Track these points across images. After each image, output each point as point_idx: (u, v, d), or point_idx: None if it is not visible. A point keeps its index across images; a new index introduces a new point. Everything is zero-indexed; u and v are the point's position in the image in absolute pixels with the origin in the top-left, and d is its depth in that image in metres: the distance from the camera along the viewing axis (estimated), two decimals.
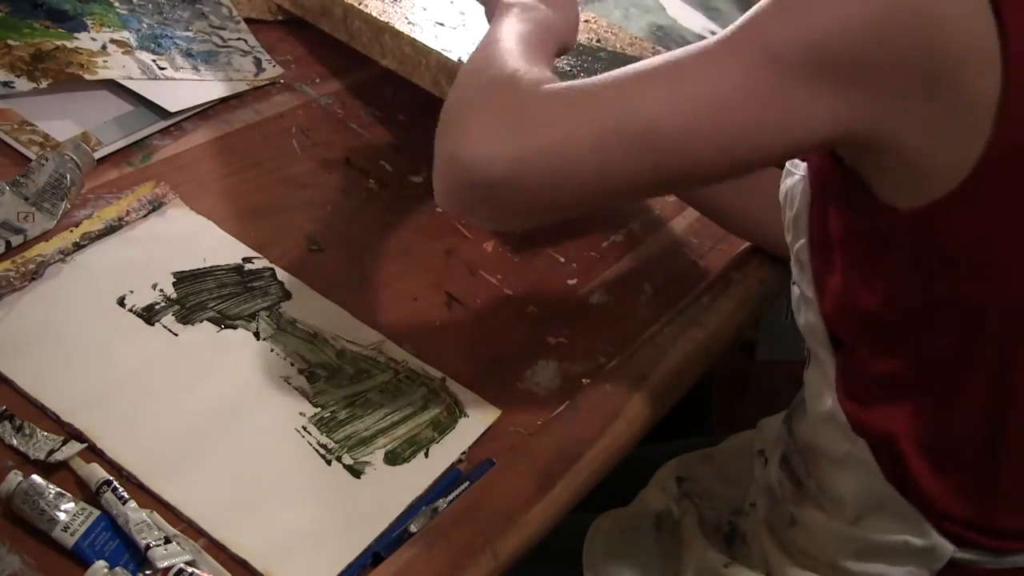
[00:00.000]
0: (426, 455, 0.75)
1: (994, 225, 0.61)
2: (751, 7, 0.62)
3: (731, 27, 0.61)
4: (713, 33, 1.24)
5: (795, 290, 0.76)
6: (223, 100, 1.01)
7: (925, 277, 0.64)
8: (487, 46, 0.71)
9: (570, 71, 0.95)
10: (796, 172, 0.75)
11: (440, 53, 0.94)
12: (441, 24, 1.00)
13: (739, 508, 0.87)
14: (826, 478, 0.76)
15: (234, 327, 0.80)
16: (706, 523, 0.86)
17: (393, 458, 0.74)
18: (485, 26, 1.00)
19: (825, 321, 0.72)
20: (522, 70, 0.66)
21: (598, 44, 1.04)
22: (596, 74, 0.70)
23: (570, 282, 0.94)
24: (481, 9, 0.99)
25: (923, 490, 0.70)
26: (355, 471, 0.72)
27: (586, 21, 1.08)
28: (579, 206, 0.68)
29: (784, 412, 0.84)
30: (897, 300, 0.66)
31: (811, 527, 0.77)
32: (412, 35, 0.97)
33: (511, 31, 0.73)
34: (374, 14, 1.00)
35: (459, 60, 0.92)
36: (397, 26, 0.98)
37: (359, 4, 1.02)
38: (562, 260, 0.96)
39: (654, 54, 1.05)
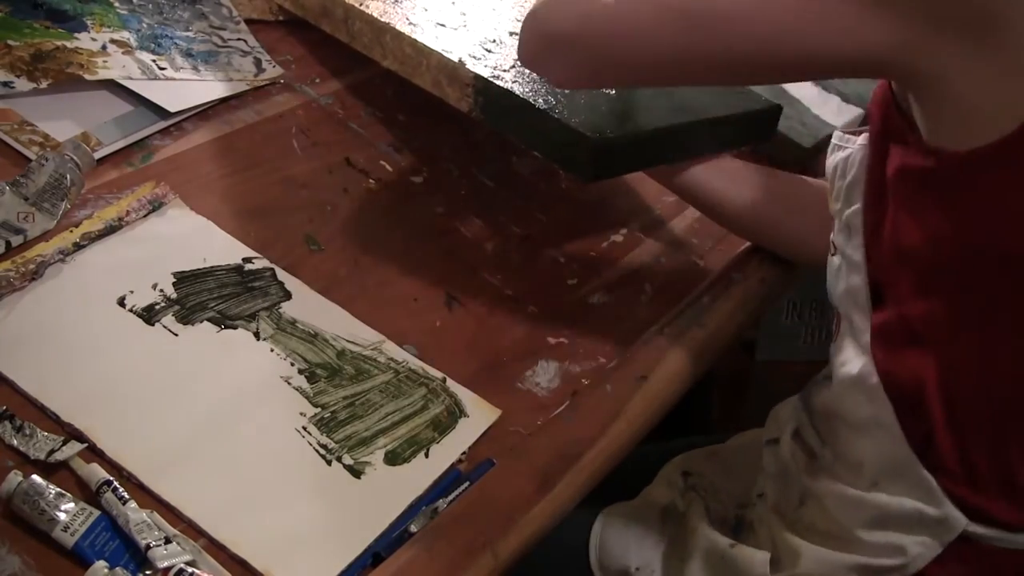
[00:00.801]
0: (426, 455, 0.75)
1: None
2: None
3: None
4: None
5: (834, 261, 0.78)
6: (223, 100, 1.01)
7: (966, 222, 0.65)
8: None
9: None
10: (847, 146, 0.76)
11: (441, 54, 0.94)
12: (442, 25, 1.00)
13: (745, 502, 0.87)
14: (844, 444, 0.77)
15: (234, 327, 0.80)
16: (713, 515, 0.86)
17: (393, 458, 0.74)
18: (486, 27, 1.01)
19: (870, 278, 0.73)
20: None
21: None
22: None
23: (570, 282, 0.94)
24: (483, 9, 0.99)
25: (942, 454, 0.71)
26: (355, 471, 0.72)
27: None
28: (635, 74, 0.74)
29: (794, 397, 0.85)
30: (939, 242, 0.67)
31: (823, 498, 0.77)
32: (413, 36, 0.97)
33: None
34: (375, 15, 1.00)
35: (459, 61, 0.92)
36: (398, 27, 0.98)
37: (360, 5, 1.02)
38: (562, 260, 0.96)
39: None
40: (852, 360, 0.75)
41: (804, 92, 1.18)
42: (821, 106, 1.17)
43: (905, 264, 0.70)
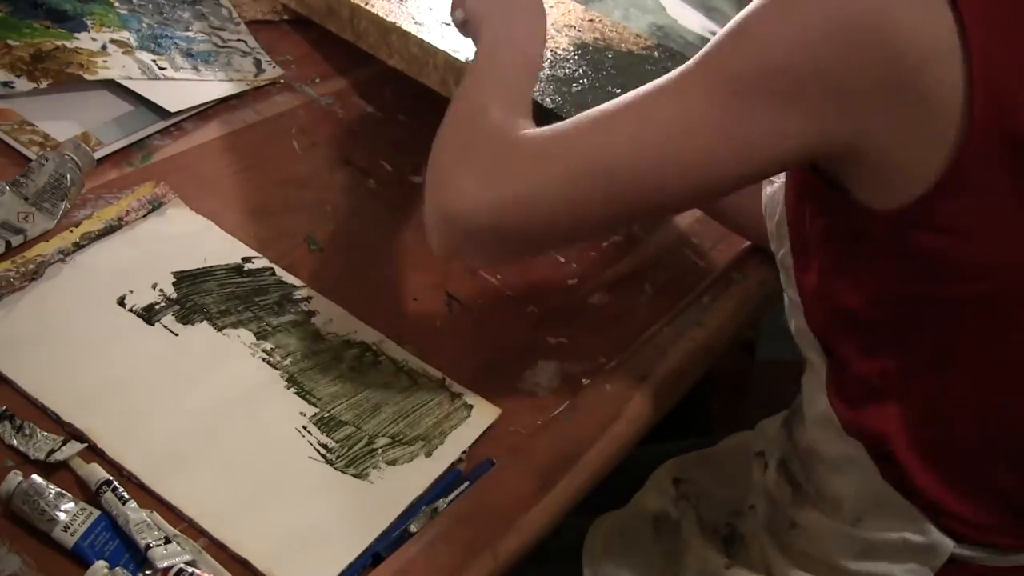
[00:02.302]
0: (426, 455, 0.75)
1: (970, 223, 0.61)
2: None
3: (691, 61, 0.63)
4: (713, 34, 1.24)
5: (785, 297, 0.77)
6: (223, 100, 1.01)
7: (903, 276, 0.65)
8: (467, 97, 0.75)
9: (579, 72, 0.95)
10: (776, 181, 0.75)
11: (448, 53, 0.94)
12: (448, 24, 1.00)
13: (737, 509, 0.87)
14: (824, 481, 0.76)
15: (234, 327, 0.80)
16: (704, 524, 0.86)
17: (393, 458, 0.74)
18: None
19: (812, 330, 0.72)
20: (500, 120, 0.70)
21: (604, 44, 1.04)
22: (605, 73, 0.72)
23: (570, 282, 0.94)
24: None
25: (920, 488, 0.70)
26: (356, 471, 0.72)
27: (591, 20, 1.08)
28: (559, 243, 0.75)
29: (783, 414, 0.84)
30: (877, 299, 0.67)
31: (811, 529, 0.77)
32: (419, 35, 0.97)
33: (488, 74, 0.77)
34: (381, 14, 1.00)
35: (466, 60, 0.93)
36: (404, 26, 0.98)
37: (365, 4, 1.02)
38: (562, 260, 0.96)
39: (660, 53, 1.05)
40: (818, 397, 0.74)
41: None
42: None
43: (845, 325, 0.70)
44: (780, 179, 0.74)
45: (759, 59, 0.59)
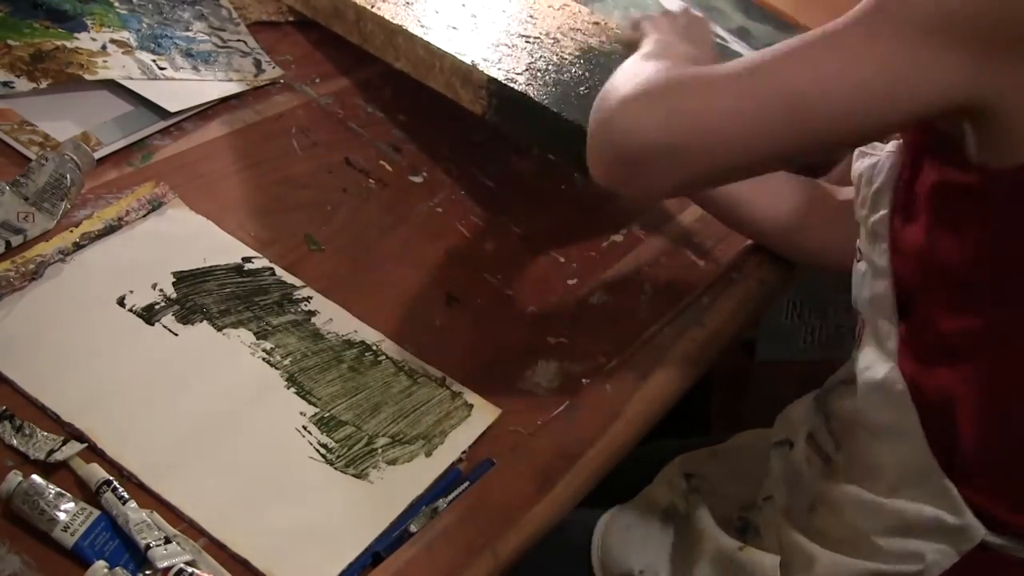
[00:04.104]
0: (426, 455, 0.75)
1: None
2: (750, 8, 0.63)
3: (867, 4, 0.64)
4: (713, 33, 1.25)
5: (860, 267, 0.77)
6: (223, 100, 1.01)
7: (1010, 236, 0.66)
8: (633, 62, 0.76)
9: (585, 75, 0.95)
10: (875, 152, 0.77)
11: (455, 56, 0.94)
12: (455, 28, 1.00)
13: (749, 504, 0.87)
14: (865, 450, 0.76)
15: (234, 327, 0.80)
16: (717, 516, 0.86)
17: (393, 458, 0.74)
18: (497, 30, 1.01)
19: (896, 287, 0.73)
20: (670, 65, 0.71)
21: (610, 47, 1.04)
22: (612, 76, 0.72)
23: (570, 282, 0.94)
24: (493, 11, 0.99)
25: (966, 463, 0.70)
26: (356, 471, 0.72)
27: (596, 24, 1.08)
28: (729, 174, 0.73)
29: (807, 398, 0.85)
30: (980, 256, 0.68)
31: (838, 503, 0.77)
32: (426, 38, 0.97)
33: (653, 56, 0.78)
34: (387, 17, 1.00)
35: (473, 63, 0.93)
36: (410, 29, 0.98)
37: (371, 7, 1.02)
38: (562, 260, 0.96)
39: None
40: (876, 366, 0.74)
41: None
42: None
43: (938, 279, 0.70)
44: (878, 151, 0.76)
45: (941, 3, 0.61)
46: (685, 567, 0.84)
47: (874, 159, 0.76)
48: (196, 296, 0.81)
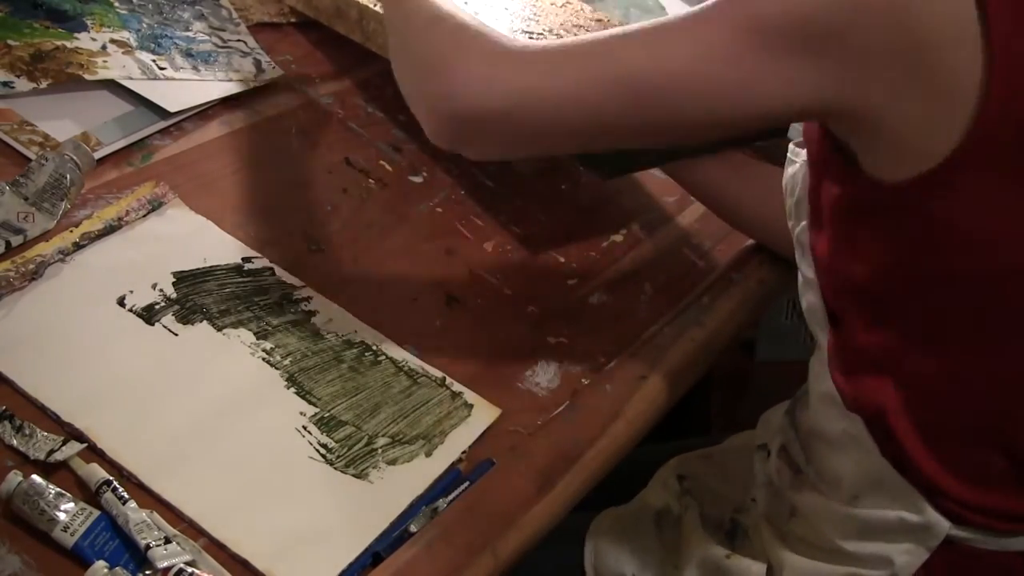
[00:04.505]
0: (426, 455, 0.75)
1: (978, 201, 0.62)
2: None
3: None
4: None
5: (799, 276, 0.77)
6: (223, 100, 1.01)
7: (908, 249, 0.65)
8: (438, 14, 0.73)
9: None
10: (797, 160, 0.76)
11: None
12: None
13: (740, 506, 0.87)
14: (824, 461, 0.77)
15: (234, 327, 0.80)
16: (708, 519, 0.86)
17: (393, 458, 0.74)
18: (499, 28, 1.00)
19: (823, 299, 0.73)
20: (486, 27, 0.70)
21: None
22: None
23: (570, 282, 0.94)
24: (495, 8, 0.98)
25: (917, 466, 0.70)
26: (356, 471, 0.72)
27: (598, 21, 1.08)
28: (562, 144, 0.73)
29: (785, 403, 0.85)
30: (882, 271, 0.67)
31: (809, 512, 0.78)
32: None
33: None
34: None
35: None
36: None
37: (374, 6, 1.02)
38: (562, 260, 0.96)
39: None
40: (822, 376, 0.75)
41: None
42: None
43: (850, 295, 0.71)
44: (800, 159, 0.76)
45: (783, 5, 0.61)
46: (674, 572, 0.84)
47: (795, 167, 0.76)
48: (196, 296, 0.81)
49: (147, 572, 0.62)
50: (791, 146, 0.79)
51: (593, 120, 0.67)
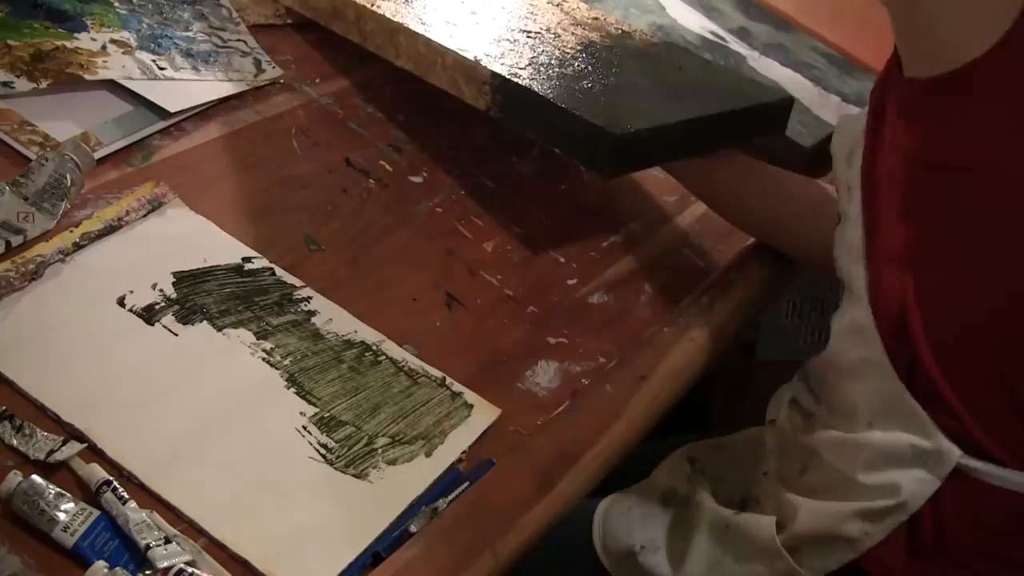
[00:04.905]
0: (426, 455, 0.75)
1: (998, 102, 0.65)
2: (750, 8, 0.64)
3: None
4: (712, 33, 1.25)
5: (840, 230, 0.79)
6: (223, 100, 1.01)
7: (934, 139, 0.68)
8: None
9: (588, 69, 0.96)
10: (853, 118, 0.79)
11: (457, 53, 0.94)
12: (455, 25, 1.00)
13: (750, 492, 0.87)
14: (837, 393, 0.78)
15: (234, 327, 0.80)
16: (718, 496, 0.86)
17: (393, 458, 0.74)
18: (497, 26, 1.01)
19: (864, 219, 0.75)
20: None
21: (611, 42, 1.04)
22: (614, 70, 0.72)
23: (570, 282, 0.94)
24: (492, 7, 0.99)
25: (930, 380, 0.71)
26: (356, 471, 0.72)
27: (595, 18, 1.08)
28: None
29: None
30: (908, 162, 0.70)
31: (821, 451, 0.78)
32: (427, 35, 0.97)
33: None
34: (387, 15, 1.00)
35: (476, 59, 0.93)
36: (411, 27, 0.98)
37: (371, 6, 1.02)
38: (562, 260, 0.96)
39: (666, 50, 1.05)
40: (849, 311, 0.77)
41: (804, 92, 1.18)
42: (821, 106, 1.17)
43: (888, 186, 0.73)
44: (857, 114, 0.78)
45: None
46: (683, 538, 0.84)
47: (852, 125, 0.79)
48: (196, 296, 0.81)
49: (147, 572, 0.62)
50: (840, 116, 0.81)
51: None
